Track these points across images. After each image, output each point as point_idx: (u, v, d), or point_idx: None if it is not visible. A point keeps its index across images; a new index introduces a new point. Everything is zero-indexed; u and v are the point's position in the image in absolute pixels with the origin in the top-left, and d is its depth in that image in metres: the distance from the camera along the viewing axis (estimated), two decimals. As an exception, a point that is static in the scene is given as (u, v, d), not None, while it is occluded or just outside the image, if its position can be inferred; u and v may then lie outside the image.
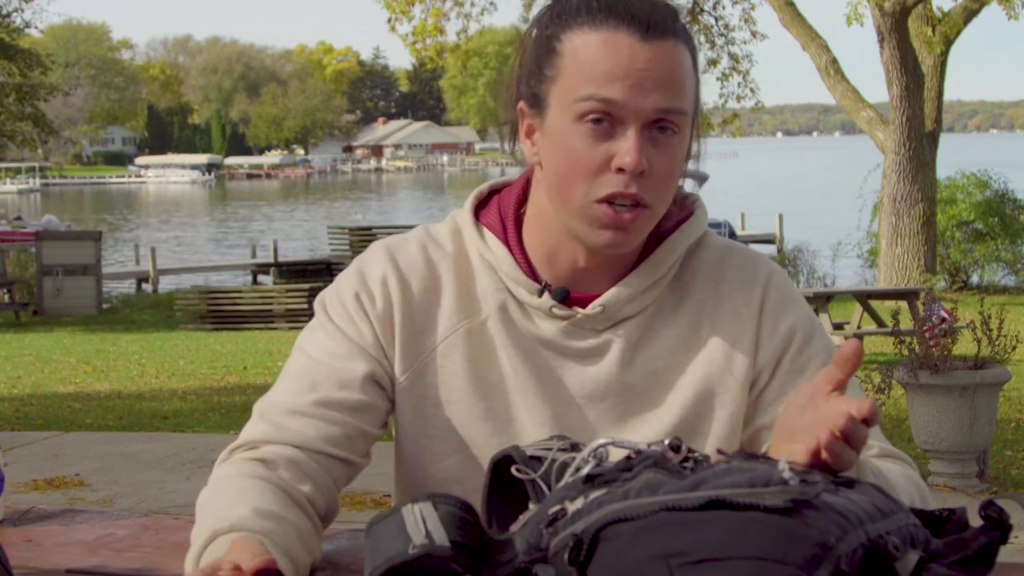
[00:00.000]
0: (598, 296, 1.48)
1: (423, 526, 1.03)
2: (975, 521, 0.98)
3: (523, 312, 1.49)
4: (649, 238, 1.49)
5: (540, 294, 1.47)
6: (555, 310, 1.47)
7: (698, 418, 1.47)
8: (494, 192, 1.58)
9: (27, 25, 29.35)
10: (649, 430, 1.46)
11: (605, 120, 1.37)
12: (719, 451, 1.00)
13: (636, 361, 1.48)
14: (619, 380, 1.47)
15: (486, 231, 1.52)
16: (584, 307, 1.48)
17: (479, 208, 1.56)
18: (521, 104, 1.47)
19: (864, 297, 11.92)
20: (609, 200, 1.38)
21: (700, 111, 1.48)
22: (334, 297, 1.52)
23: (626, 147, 1.36)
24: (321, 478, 1.41)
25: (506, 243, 1.50)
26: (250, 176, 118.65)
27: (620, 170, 1.37)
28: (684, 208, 1.54)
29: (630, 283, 1.47)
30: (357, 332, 1.49)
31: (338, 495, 1.45)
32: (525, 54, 1.46)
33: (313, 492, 1.39)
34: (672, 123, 1.39)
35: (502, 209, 1.54)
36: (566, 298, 1.47)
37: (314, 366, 1.48)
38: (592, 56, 1.38)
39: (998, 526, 0.96)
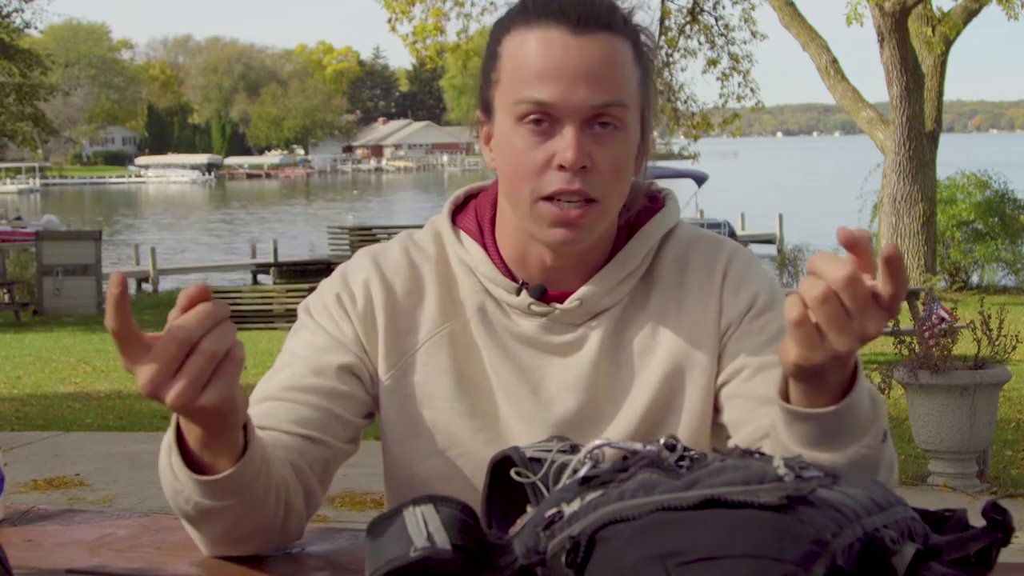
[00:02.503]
0: (573, 291, 1.51)
1: (425, 528, 1.03)
2: (976, 521, 0.98)
3: (502, 312, 1.52)
4: (620, 231, 1.53)
5: (518, 292, 1.51)
6: (533, 307, 1.50)
7: (671, 394, 1.49)
8: (470, 197, 1.61)
9: (27, 25, 29.35)
10: (624, 414, 1.49)
11: (544, 120, 1.39)
12: (714, 449, 1.00)
13: (613, 351, 1.51)
14: (597, 370, 1.50)
15: (463, 234, 1.56)
16: (561, 303, 1.50)
17: (456, 213, 1.59)
18: (478, 113, 1.51)
19: (864, 297, 11.91)
20: (554, 197, 1.40)
21: (653, 103, 1.50)
22: (317, 300, 1.56)
23: (564, 144, 1.38)
24: (293, 458, 1.41)
25: (483, 245, 1.54)
26: (250, 176, 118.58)
27: (562, 167, 1.39)
28: (655, 201, 1.57)
29: (606, 276, 1.50)
30: (338, 329, 1.52)
31: (316, 481, 1.44)
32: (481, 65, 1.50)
33: (287, 471, 1.38)
34: (613, 117, 1.40)
35: (479, 213, 1.57)
36: (543, 295, 1.50)
37: (292, 359, 1.51)
38: (524, 56, 1.40)
39: (1001, 527, 0.96)
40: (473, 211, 1.58)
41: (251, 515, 1.29)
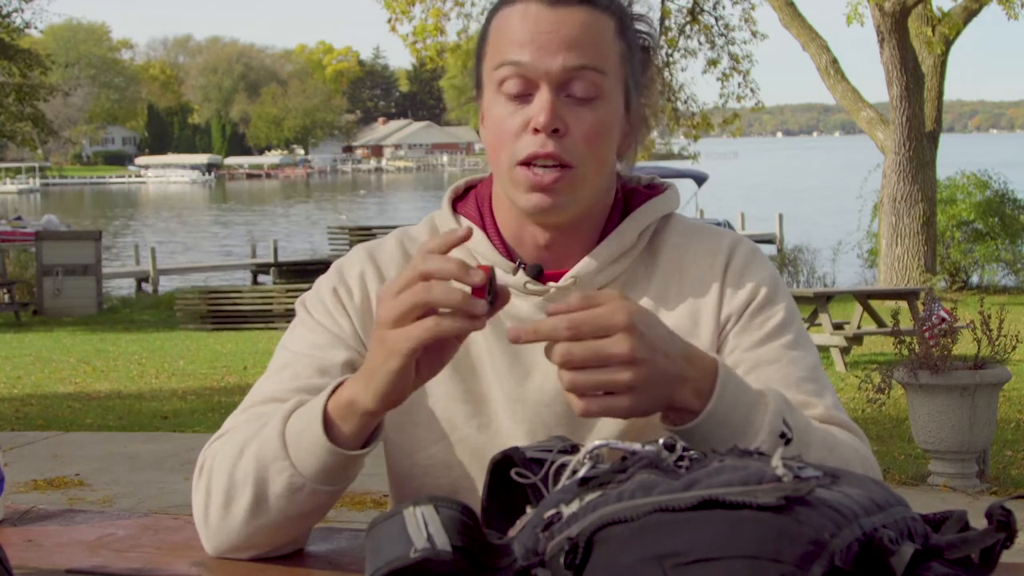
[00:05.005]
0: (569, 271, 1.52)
1: (425, 529, 1.03)
2: (977, 523, 0.98)
3: None
4: (615, 213, 1.54)
5: (515, 272, 1.51)
6: (529, 286, 1.51)
7: None
8: (471, 187, 1.63)
9: (27, 25, 29.25)
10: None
11: (520, 86, 1.43)
12: (713, 449, 1.00)
13: None
14: None
15: (464, 220, 1.57)
16: (557, 282, 1.51)
17: (457, 202, 1.61)
18: (474, 93, 1.53)
19: (864, 297, 11.91)
20: (529, 162, 1.42)
21: (643, 82, 1.51)
22: (313, 296, 1.57)
23: (538, 107, 1.41)
24: None
25: (483, 228, 1.55)
26: (250, 176, 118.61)
27: (536, 131, 1.41)
28: (655, 189, 1.58)
29: (599, 254, 1.51)
30: (336, 324, 1.53)
31: None
32: None
33: None
34: (589, 83, 1.42)
35: (479, 199, 1.59)
36: (539, 274, 1.51)
37: (294, 357, 1.51)
38: (505, 28, 1.45)
39: (1005, 528, 0.96)
40: (474, 198, 1.59)
41: (318, 512, 1.36)
